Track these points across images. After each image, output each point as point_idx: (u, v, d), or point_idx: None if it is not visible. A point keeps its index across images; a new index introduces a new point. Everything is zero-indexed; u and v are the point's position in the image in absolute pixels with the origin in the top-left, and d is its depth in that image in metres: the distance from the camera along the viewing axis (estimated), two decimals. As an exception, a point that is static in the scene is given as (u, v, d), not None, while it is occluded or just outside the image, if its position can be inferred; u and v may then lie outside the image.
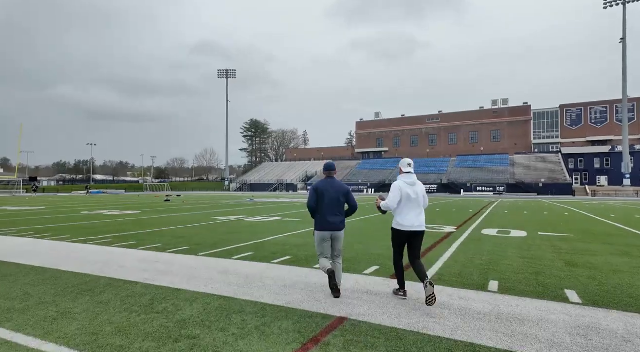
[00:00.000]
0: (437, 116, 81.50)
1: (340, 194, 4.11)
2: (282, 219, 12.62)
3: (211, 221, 12.17)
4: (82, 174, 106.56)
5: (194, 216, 13.98)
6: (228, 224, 10.93)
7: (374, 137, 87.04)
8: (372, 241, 7.67)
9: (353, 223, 11.14)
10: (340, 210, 4.13)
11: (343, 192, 4.15)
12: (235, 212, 15.97)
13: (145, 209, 18.15)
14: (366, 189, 65.03)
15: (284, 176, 79.58)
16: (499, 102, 77.56)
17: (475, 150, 76.11)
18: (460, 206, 21.84)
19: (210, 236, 8.32)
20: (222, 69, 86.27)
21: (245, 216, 13.87)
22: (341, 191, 4.14)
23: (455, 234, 8.87)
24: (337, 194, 4.10)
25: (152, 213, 15.59)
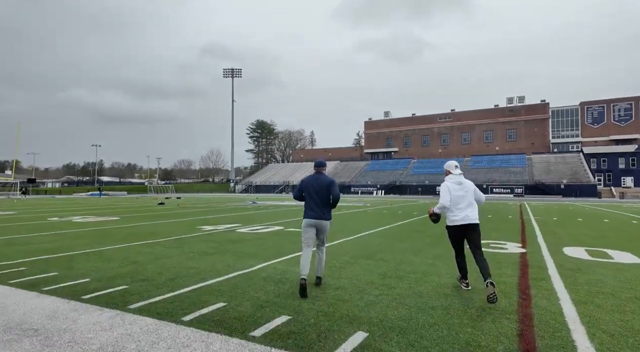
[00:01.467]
0: (449, 115, 78.32)
1: (323, 187, 4.39)
2: (284, 230, 10.01)
3: (194, 232, 9.61)
4: (90, 175, 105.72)
5: (177, 225, 11.46)
6: (211, 239, 8.34)
7: (384, 137, 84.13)
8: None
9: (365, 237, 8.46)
10: (324, 202, 4.39)
11: (326, 184, 4.39)
12: (230, 219, 13.40)
13: (129, 215, 15.72)
14: (376, 190, 62.17)
15: (291, 177, 77.10)
16: (515, 99, 74.14)
17: (490, 150, 72.78)
18: (492, 210, 19.01)
19: (176, 262, 5.72)
20: (227, 68, 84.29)
21: (240, 225, 11.29)
22: (324, 183, 4.39)
23: (533, 256, 6.16)
24: (321, 187, 4.39)
25: (132, 220, 13.11)
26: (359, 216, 14.66)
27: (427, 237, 8.52)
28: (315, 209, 4.35)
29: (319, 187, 4.39)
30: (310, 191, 4.41)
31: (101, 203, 28.23)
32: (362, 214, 16.08)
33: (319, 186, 4.40)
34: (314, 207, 4.36)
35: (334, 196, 4.43)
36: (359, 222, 11.89)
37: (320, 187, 4.39)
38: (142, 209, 20.40)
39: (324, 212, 4.37)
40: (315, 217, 4.33)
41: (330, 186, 4.41)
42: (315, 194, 4.38)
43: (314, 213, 4.35)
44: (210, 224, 11.53)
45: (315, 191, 4.39)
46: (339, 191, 4.50)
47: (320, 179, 4.44)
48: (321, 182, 4.42)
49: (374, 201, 33.22)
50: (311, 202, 4.39)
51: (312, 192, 4.40)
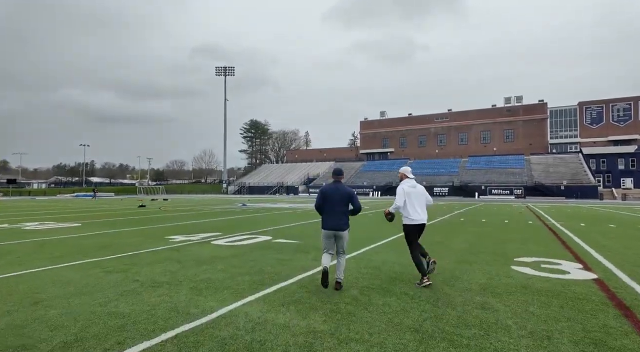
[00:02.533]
0: (446, 115, 77.00)
1: (343, 197, 4.43)
2: (271, 241, 8.15)
3: (159, 244, 7.71)
4: (79, 176, 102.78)
5: (144, 234, 9.53)
6: (175, 256, 6.46)
7: (379, 138, 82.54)
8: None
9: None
10: (344, 212, 4.43)
11: (347, 196, 4.44)
12: (210, 226, 11.50)
13: (97, 220, 13.73)
14: (372, 191, 60.50)
15: (285, 177, 75.17)
16: (513, 99, 73.04)
17: (488, 150, 71.55)
18: (503, 213, 17.32)
19: (99, 303, 3.86)
20: (220, 66, 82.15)
21: (219, 234, 9.40)
22: (345, 194, 4.44)
23: (618, 286, 4.38)
24: (341, 197, 4.41)
25: (94, 227, 11.15)
26: (359, 220, 12.87)
27: (452, 251, 6.75)
28: (334, 219, 4.39)
29: (338, 196, 4.43)
30: (330, 200, 4.44)
31: (76, 206, 26.09)
32: (362, 217, 14.29)
33: (338, 196, 4.43)
34: (333, 217, 4.40)
35: (355, 207, 4.50)
36: (361, 229, 10.09)
37: (340, 197, 4.42)
38: (118, 212, 18.38)
39: (343, 222, 4.41)
40: (334, 228, 4.38)
41: (351, 197, 4.46)
42: (334, 204, 4.41)
43: (332, 223, 4.39)
44: (184, 233, 9.62)
45: (335, 200, 4.42)
46: (359, 202, 4.56)
47: (340, 189, 4.47)
48: (341, 192, 4.45)
49: (371, 203, 31.45)
50: (330, 212, 4.42)
51: (332, 202, 4.43)
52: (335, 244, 4.45)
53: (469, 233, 9.65)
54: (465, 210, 20.33)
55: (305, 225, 11.84)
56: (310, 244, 7.72)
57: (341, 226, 4.36)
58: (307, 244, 7.74)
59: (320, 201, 4.50)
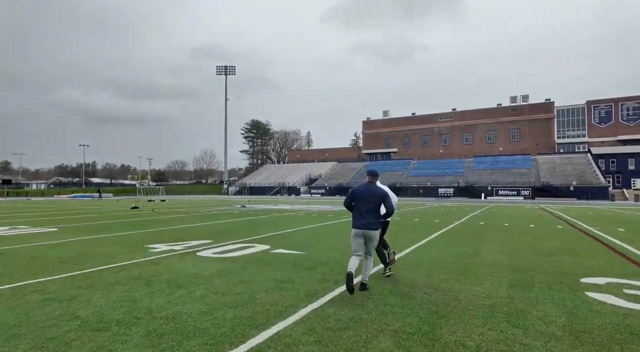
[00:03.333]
0: (450, 114, 75.57)
1: (375, 198, 4.37)
2: (269, 252, 6.84)
3: (133, 256, 6.42)
4: (80, 177, 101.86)
5: (122, 241, 8.23)
6: (145, 275, 5.17)
7: (382, 138, 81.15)
8: None
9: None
10: (374, 212, 4.37)
11: (379, 196, 4.39)
12: (201, 232, 10.20)
13: (78, 224, 12.46)
14: (375, 192, 59.09)
15: (286, 178, 73.89)
16: (518, 98, 71.56)
17: (493, 150, 70.08)
18: (523, 216, 15.94)
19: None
20: (221, 65, 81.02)
21: (208, 242, 8.09)
22: (377, 194, 4.39)
23: None
24: (373, 197, 4.37)
25: (69, 233, 9.87)
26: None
27: (492, 268, 5.42)
28: (366, 217, 4.35)
29: (370, 196, 4.40)
30: (361, 200, 4.42)
31: (68, 207, 24.85)
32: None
33: (370, 196, 4.41)
34: (365, 216, 4.36)
35: (389, 209, 4.42)
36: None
37: (372, 197, 4.39)
38: (107, 215, 17.11)
39: (373, 222, 4.35)
40: (363, 227, 4.34)
41: (383, 197, 4.39)
42: (365, 204, 4.38)
43: (362, 222, 4.35)
44: (169, 240, 8.32)
45: (366, 200, 4.39)
46: (392, 204, 4.46)
47: (372, 189, 4.46)
48: (373, 192, 4.43)
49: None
50: (360, 211, 4.39)
51: (363, 202, 4.40)
52: (365, 245, 4.40)
53: (498, 241, 8.31)
54: (478, 212, 18.97)
55: (309, 230, 10.52)
56: (316, 256, 6.40)
57: (370, 226, 4.30)
58: (312, 256, 6.41)
59: (351, 199, 4.50)
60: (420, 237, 8.90)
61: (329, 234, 9.57)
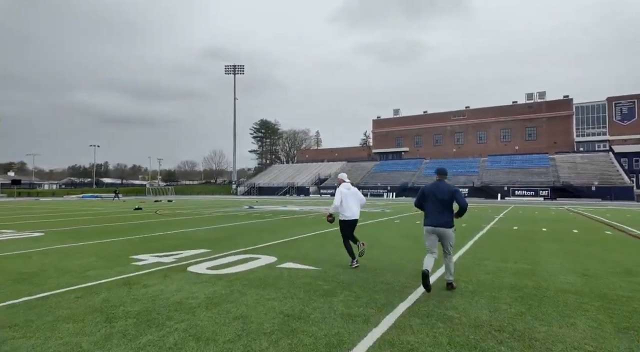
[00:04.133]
0: (463, 112, 73.50)
1: (446, 195, 4.40)
2: (275, 268, 5.58)
3: (111, 272, 5.23)
4: (92, 177, 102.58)
5: (105, 250, 7.07)
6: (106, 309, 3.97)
7: (393, 137, 79.43)
8: None
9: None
10: (446, 209, 4.41)
11: (449, 193, 4.41)
12: (199, 238, 9.00)
13: (72, 227, 11.40)
14: (386, 192, 57.58)
15: (295, 178, 72.75)
16: (535, 96, 69.13)
17: (508, 149, 67.83)
18: (555, 219, 14.40)
19: None
20: (230, 65, 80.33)
21: (205, 252, 6.87)
22: (447, 192, 4.43)
23: None
24: (443, 195, 4.42)
25: (53, 239, 8.78)
26: (388, 229, 10.25)
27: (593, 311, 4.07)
28: (437, 215, 4.40)
29: (441, 194, 4.44)
30: (431, 198, 4.48)
31: (70, 208, 24.03)
32: (388, 224, 11.66)
33: (441, 194, 4.44)
34: (436, 213, 4.42)
35: (462, 205, 4.42)
36: (396, 247, 7.46)
37: (442, 195, 4.43)
38: (106, 217, 16.09)
39: (446, 219, 4.40)
40: (437, 224, 4.39)
41: (454, 194, 4.42)
42: (437, 201, 4.43)
43: (435, 220, 4.41)
44: (160, 249, 7.12)
45: (437, 198, 4.44)
46: (465, 200, 4.47)
47: (442, 187, 4.50)
48: (443, 189, 4.47)
49: (390, 205, 28.59)
50: (432, 209, 4.45)
51: (433, 200, 4.45)
52: (441, 243, 4.46)
53: (554, 254, 6.89)
54: (504, 215, 17.43)
55: (322, 237, 9.23)
56: (334, 273, 5.11)
57: (443, 223, 4.37)
58: (329, 273, 5.12)
59: (421, 198, 4.60)
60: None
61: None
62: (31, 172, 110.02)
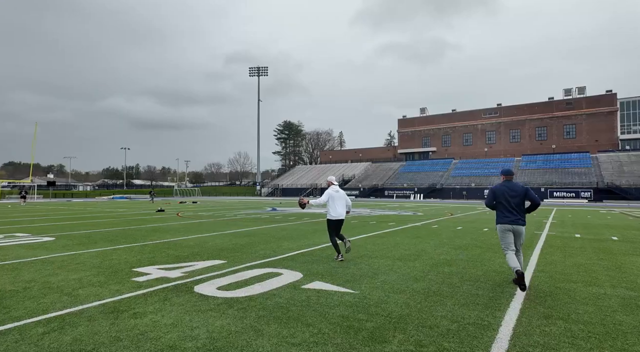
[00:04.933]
0: (495, 110, 70.05)
1: (519, 194, 4.63)
2: (301, 289, 4.47)
3: (104, 292, 4.32)
4: (123, 179, 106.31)
5: (109, 259, 6.24)
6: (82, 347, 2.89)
7: (419, 136, 76.91)
8: None
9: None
10: (519, 207, 4.62)
11: (522, 191, 4.65)
12: (215, 247, 8.06)
13: (88, 231, 10.84)
14: (413, 193, 55.48)
15: (319, 179, 71.82)
16: (574, 91, 64.80)
17: (544, 148, 63.92)
18: (621, 224, 12.52)
19: None
20: (254, 66, 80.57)
21: (220, 264, 5.88)
22: (520, 190, 4.66)
23: None
24: (516, 193, 4.63)
25: (61, 246, 8.11)
26: (428, 237, 8.94)
27: None
28: (513, 213, 4.57)
29: (513, 193, 4.64)
30: (504, 197, 4.66)
31: (96, 209, 24.06)
32: (426, 231, 10.32)
33: (513, 193, 4.64)
34: (510, 212, 4.59)
35: (536, 201, 4.67)
36: (447, 261, 6.21)
37: (515, 194, 4.64)
38: (126, 219, 15.62)
39: (521, 217, 4.59)
40: (512, 222, 4.56)
41: (527, 192, 4.66)
42: (510, 200, 4.61)
43: (510, 218, 4.57)
44: (168, 260, 6.21)
45: (510, 197, 4.63)
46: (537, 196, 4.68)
47: (514, 186, 4.71)
48: (516, 188, 4.68)
49: (420, 207, 26.91)
50: (506, 208, 4.63)
51: (506, 199, 4.64)
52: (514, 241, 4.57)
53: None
54: (552, 219, 15.58)
55: (354, 246, 8.08)
56: (376, 299, 3.94)
57: (519, 222, 4.54)
58: (371, 300, 3.95)
59: (493, 198, 4.76)
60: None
61: (384, 252, 7.07)
62: (68, 174, 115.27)
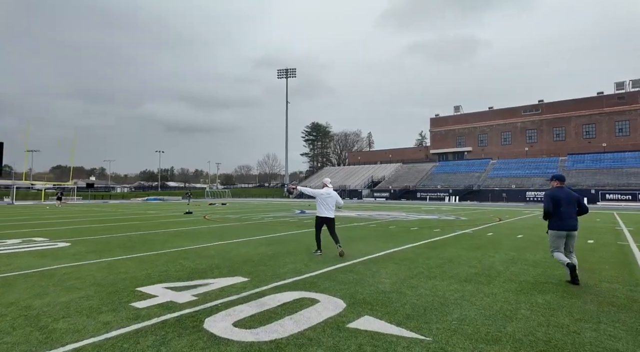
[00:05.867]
0: (536, 107, 65.68)
1: (574, 200, 4.96)
2: (345, 333, 3.27)
3: (89, 322, 3.34)
4: (158, 181, 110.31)
5: (117, 275, 5.35)
6: None
7: (453, 136, 73.59)
8: None
9: None
10: (575, 213, 4.94)
11: (576, 199, 5.00)
12: (239, 258, 7.05)
13: (108, 235, 10.23)
14: (448, 196, 52.79)
15: (347, 181, 70.40)
16: (627, 84, 59.40)
17: (593, 147, 58.99)
18: None
19: None
20: (282, 68, 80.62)
21: (240, 286, 4.81)
22: (575, 197, 5.00)
23: None
24: (572, 201, 4.93)
25: (74, 254, 7.41)
26: (490, 248, 7.47)
27: None
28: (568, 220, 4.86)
29: (569, 199, 4.93)
30: (562, 203, 4.90)
31: (128, 211, 24.11)
32: (482, 239, 8.81)
33: (570, 199, 4.93)
34: (567, 219, 4.86)
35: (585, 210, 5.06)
36: (532, 285, 4.81)
37: (571, 200, 4.94)
38: (150, 222, 15.11)
39: (576, 223, 4.92)
40: (570, 228, 4.87)
41: (579, 199, 5.01)
42: (567, 206, 4.90)
43: (568, 223, 4.86)
44: (180, 277, 5.23)
45: (566, 202, 4.90)
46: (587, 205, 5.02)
47: (569, 193, 5.00)
48: (571, 195, 4.98)
49: (459, 210, 24.88)
50: (564, 214, 4.86)
51: (564, 205, 4.89)
52: (566, 243, 4.90)
53: None
54: (632, 227, 13.41)
55: (402, 259, 6.74)
56: (462, 345, 2.70)
57: (576, 226, 4.88)
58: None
59: (551, 204, 4.93)
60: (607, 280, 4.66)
61: (444, 269, 5.73)
62: (108, 177, 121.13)
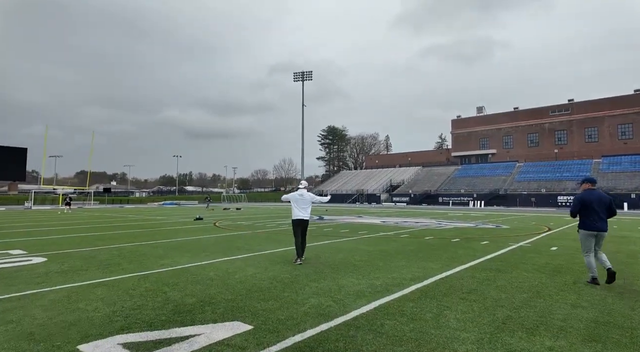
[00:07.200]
0: (566, 106, 62.19)
1: (605, 203, 5.19)
2: None
3: None
4: (176, 186, 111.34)
5: (79, 306, 3.88)
6: None
7: (476, 137, 70.61)
8: None
9: None
10: (605, 215, 5.19)
11: (608, 201, 5.23)
12: (240, 287, 5.50)
13: (93, 247, 8.91)
14: (472, 201, 50.13)
15: (364, 185, 68.41)
16: (666, 80, 55.34)
17: (630, 148, 55.12)
18: None
19: None
20: (298, 71, 79.62)
21: (244, 339, 3.24)
22: (606, 200, 5.23)
23: None
24: (604, 202, 5.18)
25: (42, 274, 6.05)
26: (568, 276, 5.67)
27: None
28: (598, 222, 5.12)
29: (600, 202, 5.16)
30: (593, 205, 5.13)
31: (138, 217, 23.09)
32: (547, 258, 6.97)
33: (601, 201, 5.17)
34: (597, 220, 5.12)
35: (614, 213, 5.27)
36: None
37: (602, 202, 5.17)
38: (153, 230, 13.82)
39: (606, 224, 5.16)
40: (600, 229, 5.12)
41: (610, 203, 5.24)
42: (597, 208, 5.13)
43: (601, 225, 5.12)
44: (149, 324, 3.71)
45: (597, 205, 5.13)
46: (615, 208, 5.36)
47: (600, 195, 5.22)
48: (602, 198, 5.21)
49: (494, 217, 22.66)
50: (594, 215, 5.13)
51: (594, 207, 5.13)
52: (596, 242, 5.17)
53: None
54: None
55: (455, 281, 5.06)
56: None
57: (606, 228, 5.15)
58: None
59: (580, 207, 5.22)
60: None
61: (535, 317, 4.01)
62: (128, 181, 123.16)
